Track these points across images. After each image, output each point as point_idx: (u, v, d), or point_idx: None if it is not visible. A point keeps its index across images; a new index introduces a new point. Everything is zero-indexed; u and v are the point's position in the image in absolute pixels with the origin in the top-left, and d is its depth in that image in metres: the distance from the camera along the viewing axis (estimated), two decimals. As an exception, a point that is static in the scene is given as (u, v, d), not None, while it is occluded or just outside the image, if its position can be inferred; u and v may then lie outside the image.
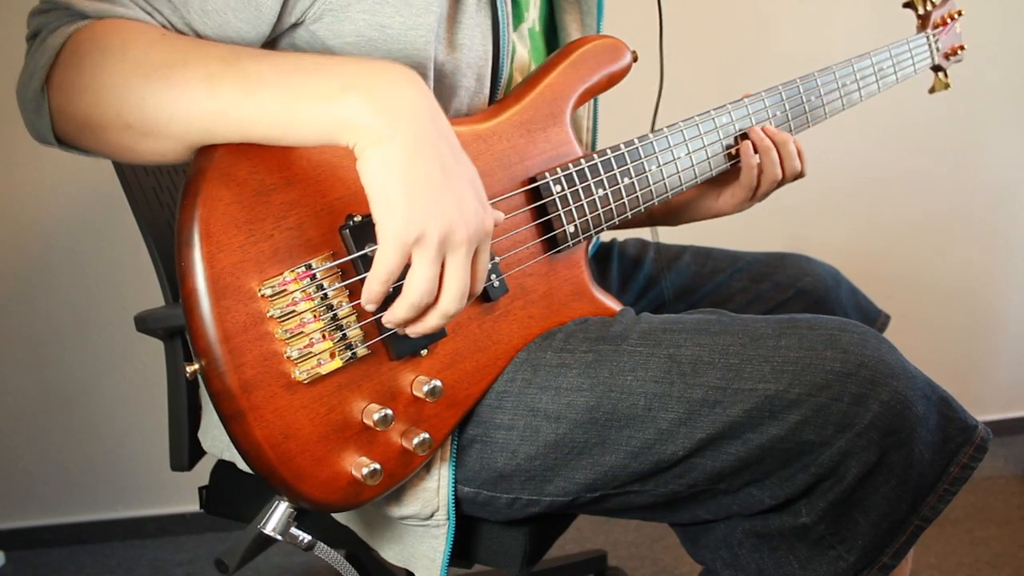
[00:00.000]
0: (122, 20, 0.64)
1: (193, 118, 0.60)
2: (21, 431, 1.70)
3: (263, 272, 0.61)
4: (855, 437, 0.65)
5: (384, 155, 0.58)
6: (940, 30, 1.13)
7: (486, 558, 0.81)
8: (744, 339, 0.69)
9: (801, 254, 1.08)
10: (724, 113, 0.93)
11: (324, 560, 0.70)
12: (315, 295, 0.62)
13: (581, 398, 0.70)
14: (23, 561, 1.71)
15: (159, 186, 1.00)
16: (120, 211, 1.01)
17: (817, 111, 1.01)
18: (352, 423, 0.64)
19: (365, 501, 0.66)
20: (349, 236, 0.65)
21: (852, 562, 0.68)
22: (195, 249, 0.59)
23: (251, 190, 0.61)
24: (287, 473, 0.61)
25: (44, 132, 0.65)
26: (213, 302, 0.58)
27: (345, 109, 0.58)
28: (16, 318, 1.65)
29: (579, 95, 0.84)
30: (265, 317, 0.60)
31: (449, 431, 0.71)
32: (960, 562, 1.60)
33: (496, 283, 0.74)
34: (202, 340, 0.59)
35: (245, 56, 0.62)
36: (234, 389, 0.59)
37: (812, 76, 1.01)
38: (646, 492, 0.72)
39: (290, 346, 0.61)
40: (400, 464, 0.67)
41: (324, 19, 0.69)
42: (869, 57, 1.07)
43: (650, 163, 0.86)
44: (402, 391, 0.67)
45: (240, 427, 0.60)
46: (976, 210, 1.99)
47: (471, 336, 0.72)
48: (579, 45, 0.84)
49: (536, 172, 0.80)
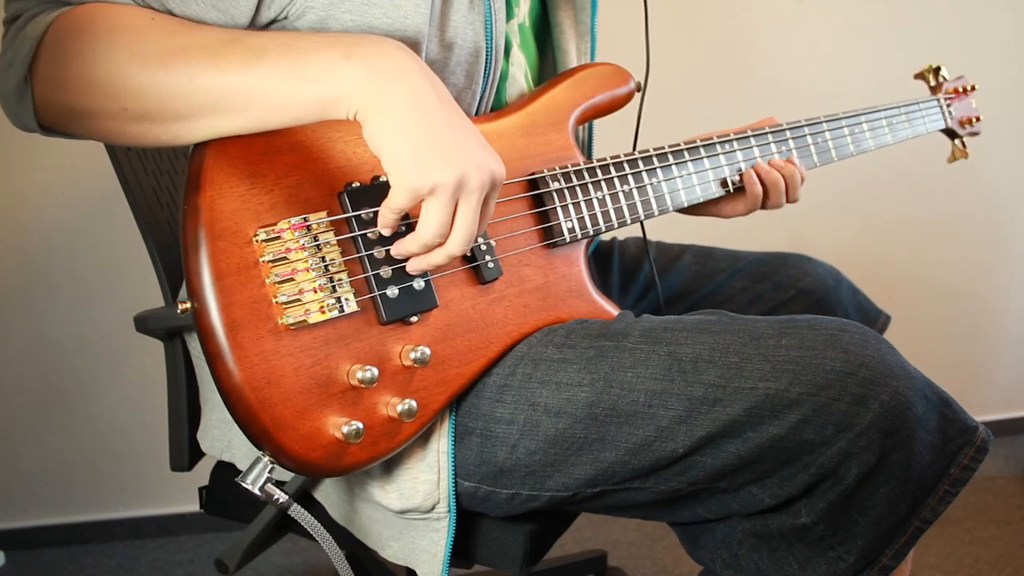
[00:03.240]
0: (105, 5, 0.63)
1: (198, 94, 0.61)
2: (21, 431, 1.70)
3: (260, 219, 0.64)
4: (855, 437, 0.65)
5: (385, 116, 0.61)
6: (953, 98, 1.16)
7: (486, 558, 0.81)
8: (744, 338, 0.69)
9: (802, 254, 1.08)
10: (729, 143, 0.95)
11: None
12: (308, 246, 0.65)
13: (582, 393, 0.70)
14: (23, 561, 1.71)
15: (159, 186, 1.00)
16: (120, 211, 1.01)
17: (825, 155, 1.03)
18: (337, 381, 0.65)
19: (348, 467, 0.66)
20: (346, 199, 0.67)
21: (851, 563, 0.68)
22: (198, 193, 0.62)
23: (257, 148, 0.65)
24: (267, 420, 0.62)
25: (27, 120, 0.65)
26: (209, 242, 0.61)
27: (342, 81, 0.61)
28: (16, 318, 1.65)
29: (582, 110, 0.87)
30: (258, 261, 0.63)
31: (439, 408, 0.71)
32: (960, 562, 1.60)
33: (491, 264, 0.75)
34: (195, 278, 0.61)
35: (243, 33, 0.64)
36: (222, 327, 0.61)
37: (820, 122, 1.03)
38: (646, 489, 0.72)
39: (280, 291, 0.63)
40: (384, 432, 0.67)
41: (307, 16, 0.69)
42: (880, 110, 1.10)
43: (651, 176, 0.88)
44: (390, 357, 0.68)
45: (224, 366, 0.61)
46: (976, 210, 1.99)
47: (464, 314, 0.73)
48: (584, 68, 0.88)
49: (535, 169, 0.81)
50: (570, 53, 0.94)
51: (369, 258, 0.68)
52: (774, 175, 0.96)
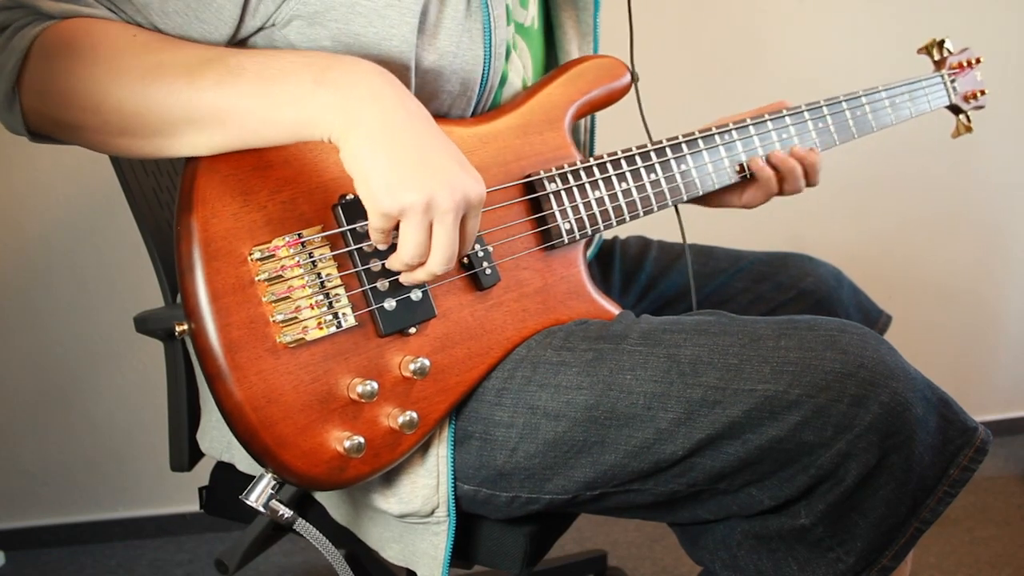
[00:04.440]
0: (89, 20, 0.64)
1: (174, 110, 0.62)
2: (21, 431, 1.70)
3: (255, 238, 0.63)
4: (855, 439, 0.65)
5: (356, 141, 0.61)
6: (957, 72, 1.15)
7: (486, 559, 0.81)
8: (743, 340, 0.69)
9: (803, 254, 1.07)
10: (727, 133, 0.93)
11: (323, 560, 0.70)
12: (304, 263, 0.64)
13: (581, 396, 0.70)
14: (23, 561, 1.71)
15: (159, 186, 1.00)
16: (120, 211, 1.01)
17: (827, 138, 1.02)
18: (337, 396, 0.65)
19: (351, 480, 0.66)
20: (340, 212, 0.67)
21: (851, 564, 0.68)
22: (191, 214, 0.62)
23: (249, 164, 0.65)
24: (269, 438, 0.62)
25: (16, 126, 0.66)
26: (204, 263, 0.61)
27: (314, 108, 0.61)
28: (16, 318, 1.65)
29: (578, 106, 0.86)
30: (254, 280, 0.63)
31: (439, 417, 0.71)
32: (960, 562, 1.60)
33: (488, 270, 0.75)
34: (192, 299, 0.61)
35: (224, 52, 0.64)
36: (219, 348, 0.61)
37: (819, 106, 1.01)
38: (646, 491, 0.72)
39: (277, 310, 0.63)
40: (386, 444, 0.67)
41: (293, 24, 0.69)
42: (881, 91, 1.08)
43: (649, 172, 0.87)
44: (390, 369, 0.68)
45: (223, 387, 0.61)
46: (976, 210, 1.99)
47: (463, 322, 0.73)
48: (579, 62, 0.87)
49: (531, 170, 0.80)
50: (572, 54, 0.94)
51: (365, 272, 0.67)
52: (790, 162, 0.95)
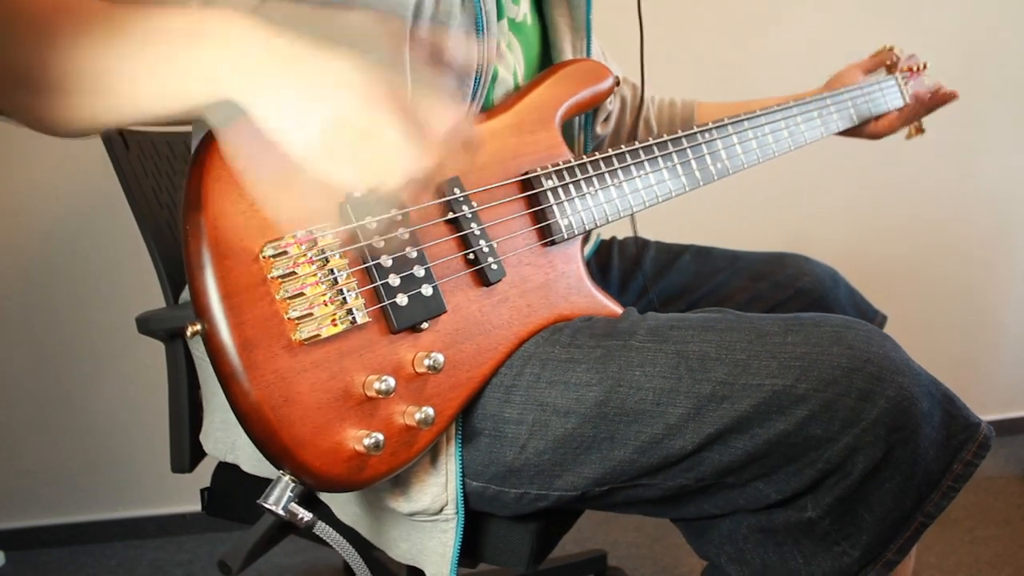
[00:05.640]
0: None
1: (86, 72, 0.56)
2: (21, 431, 1.70)
3: (265, 235, 0.62)
4: (862, 432, 0.65)
5: None
6: (909, 76, 1.21)
7: (493, 557, 0.81)
8: (751, 335, 0.69)
9: (800, 254, 1.08)
10: (708, 132, 0.93)
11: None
12: (316, 259, 0.64)
13: (590, 393, 0.70)
14: (23, 561, 1.71)
15: (159, 186, 1.00)
16: (120, 211, 1.01)
17: (783, 143, 1.01)
18: (353, 394, 0.64)
19: (369, 480, 0.66)
20: (349, 208, 0.66)
21: (856, 557, 0.68)
22: (200, 212, 0.60)
23: None
24: (287, 439, 0.61)
25: None
26: (215, 262, 0.60)
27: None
28: (17, 319, 1.65)
29: (567, 106, 0.87)
30: (267, 278, 0.62)
31: (453, 413, 0.71)
32: (960, 562, 1.60)
33: (494, 266, 0.75)
34: (203, 298, 0.59)
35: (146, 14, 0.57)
36: (234, 346, 0.59)
37: (790, 107, 1.02)
38: (654, 486, 0.72)
39: (291, 307, 0.62)
40: (403, 442, 0.67)
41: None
42: (841, 93, 1.11)
43: (639, 169, 0.88)
44: (404, 366, 0.68)
45: (239, 387, 0.60)
46: (976, 210, 2.00)
47: (471, 317, 0.73)
48: (565, 65, 0.88)
49: (528, 168, 0.81)
50: (566, 52, 0.94)
51: (376, 267, 0.67)
52: None
